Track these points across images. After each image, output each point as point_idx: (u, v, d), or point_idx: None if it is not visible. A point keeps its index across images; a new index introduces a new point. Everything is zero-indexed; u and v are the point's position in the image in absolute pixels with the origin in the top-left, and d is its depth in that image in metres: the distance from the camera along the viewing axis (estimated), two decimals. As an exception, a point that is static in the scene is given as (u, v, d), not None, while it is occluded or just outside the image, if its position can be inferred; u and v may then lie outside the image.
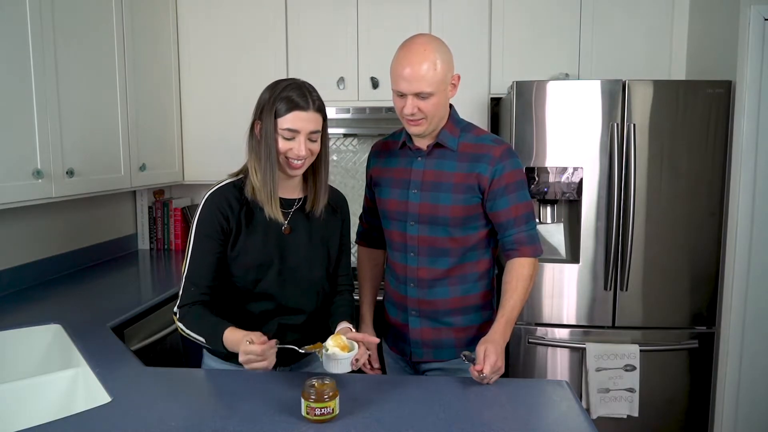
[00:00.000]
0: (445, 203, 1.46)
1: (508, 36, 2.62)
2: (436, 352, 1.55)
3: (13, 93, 1.73)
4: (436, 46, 1.40)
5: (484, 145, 1.48)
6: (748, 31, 2.13)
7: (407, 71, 1.37)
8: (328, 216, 1.49)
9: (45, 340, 1.66)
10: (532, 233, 1.49)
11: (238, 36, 2.74)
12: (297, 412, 1.06)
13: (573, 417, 1.10)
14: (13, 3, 1.72)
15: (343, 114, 2.66)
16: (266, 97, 1.35)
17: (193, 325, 1.33)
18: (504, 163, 1.45)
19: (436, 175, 1.48)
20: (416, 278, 1.53)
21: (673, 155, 2.20)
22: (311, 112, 1.33)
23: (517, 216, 1.46)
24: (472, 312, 1.54)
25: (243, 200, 1.38)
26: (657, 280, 2.25)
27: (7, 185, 1.70)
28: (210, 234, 1.35)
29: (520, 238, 1.46)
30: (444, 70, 1.39)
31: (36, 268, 2.20)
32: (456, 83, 1.45)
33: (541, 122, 2.23)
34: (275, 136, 1.32)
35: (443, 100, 1.43)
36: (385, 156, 1.61)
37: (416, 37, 1.43)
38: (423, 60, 1.36)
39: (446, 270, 1.50)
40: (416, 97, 1.38)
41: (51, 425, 1.04)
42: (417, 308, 1.54)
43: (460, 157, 1.48)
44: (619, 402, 2.25)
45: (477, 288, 1.54)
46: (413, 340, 1.56)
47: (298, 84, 1.35)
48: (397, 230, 1.54)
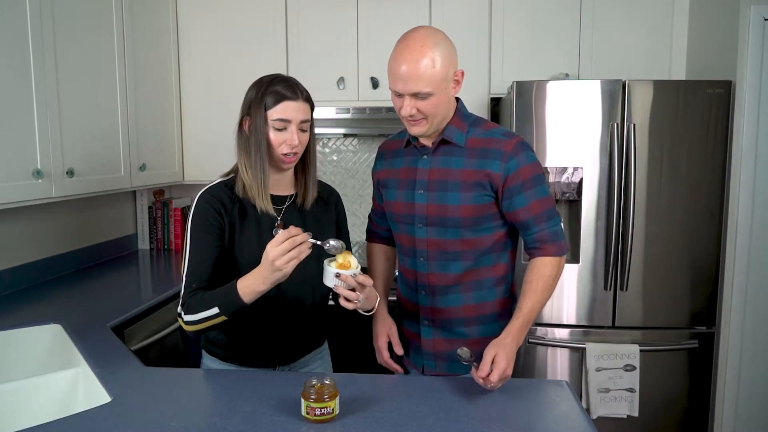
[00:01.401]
0: (453, 203, 1.36)
1: (508, 36, 2.62)
2: (450, 366, 1.46)
3: (13, 93, 1.73)
4: (435, 40, 1.28)
5: (494, 139, 1.37)
6: (748, 31, 2.13)
7: (403, 69, 1.27)
8: (321, 210, 1.50)
9: (45, 340, 1.66)
10: (556, 230, 1.38)
11: (238, 36, 2.75)
12: (297, 412, 1.06)
13: (573, 417, 1.10)
14: (13, 3, 1.72)
15: (343, 114, 2.66)
16: (253, 92, 1.36)
17: (199, 305, 1.28)
18: (518, 157, 1.34)
19: (442, 173, 1.39)
20: (427, 285, 1.44)
21: (673, 155, 2.20)
22: (300, 101, 1.34)
23: (537, 214, 1.35)
24: (488, 321, 1.44)
25: (235, 198, 1.39)
26: (657, 280, 2.25)
27: (7, 185, 1.70)
28: (206, 229, 1.34)
29: (543, 236, 1.36)
30: (444, 67, 1.28)
31: (36, 268, 2.20)
32: (459, 79, 1.35)
33: (541, 122, 2.23)
34: (265, 130, 1.33)
35: (445, 99, 1.33)
36: (390, 156, 1.53)
37: (414, 31, 1.31)
38: (420, 57, 1.25)
39: (459, 275, 1.41)
40: (414, 97, 1.29)
41: (51, 425, 1.04)
42: (429, 317, 1.46)
43: (468, 153, 1.37)
44: (619, 402, 2.25)
45: (493, 295, 1.44)
46: (425, 352, 1.48)
47: (283, 77, 1.37)
48: (405, 233, 1.46)
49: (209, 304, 1.26)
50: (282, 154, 1.35)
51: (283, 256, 1.17)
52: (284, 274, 1.19)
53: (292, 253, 1.17)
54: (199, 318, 1.28)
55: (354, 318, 1.38)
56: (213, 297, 1.27)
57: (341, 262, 1.23)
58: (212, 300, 1.26)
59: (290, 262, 1.17)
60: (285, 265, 1.17)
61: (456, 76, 1.34)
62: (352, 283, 1.23)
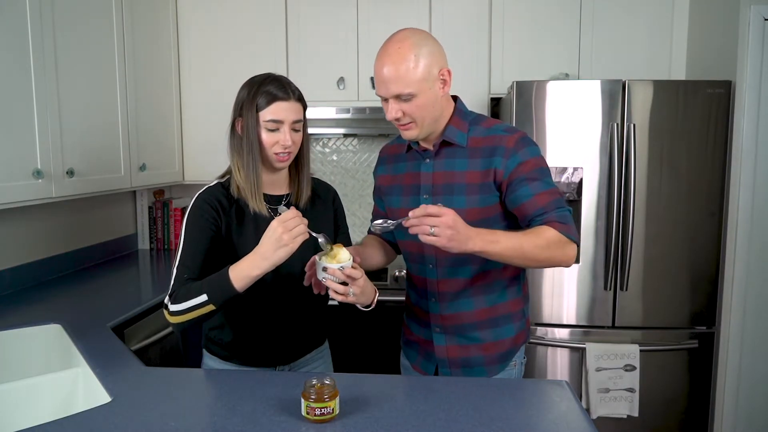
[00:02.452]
0: (459, 206, 1.28)
1: (508, 36, 2.62)
2: (465, 371, 1.43)
3: (13, 93, 1.73)
4: (415, 41, 1.26)
5: (495, 136, 1.33)
6: (748, 31, 2.13)
7: (383, 72, 1.26)
8: (318, 209, 1.49)
9: (45, 340, 1.66)
10: (565, 213, 1.29)
11: (238, 36, 2.75)
12: (297, 412, 1.06)
13: (573, 417, 1.10)
14: (13, 3, 1.72)
15: (343, 114, 2.66)
16: (245, 93, 1.35)
17: (188, 294, 1.24)
18: (520, 152, 1.30)
19: (446, 176, 1.36)
20: (437, 292, 1.41)
21: (673, 155, 2.20)
22: (292, 101, 1.34)
23: (544, 204, 1.28)
24: (502, 324, 1.41)
25: (232, 199, 1.39)
26: (657, 280, 2.25)
27: (7, 185, 1.70)
28: (201, 225, 1.34)
29: (550, 218, 1.27)
30: (426, 66, 1.25)
31: (36, 268, 2.20)
32: (447, 78, 1.30)
33: (541, 122, 2.23)
34: (257, 130, 1.33)
35: (431, 99, 1.28)
36: (392, 162, 1.50)
37: (394, 33, 1.30)
38: (398, 59, 1.24)
39: (469, 280, 1.37)
40: (398, 100, 1.27)
41: (51, 425, 1.04)
42: (440, 324, 1.43)
43: (471, 153, 1.33)
44: (619, 402, 2.25)
45: (505, 296, 1.41)
46: (440, 359, 1.45)
47: (275, 77, 1.36)
48: (413, 240, 1.37)
49: (197, 291, 1.23)
50: (275, 154, 1.35)
51: (291, 231, 1.16)
52: (289, 251, 1.17)
53: (300, 229, 1.17)
54: (185, 307, 1.24)
55: (355, 318, 1.38)
56: (202, 284, 1.24)
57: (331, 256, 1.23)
58: (200, 288, 1.23)
59: (297, 238, 1.17)
60: (292, 240, 1.17)
61: (442, 75, 1.30)
62: (341, 276, 1.21)
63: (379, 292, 1.36)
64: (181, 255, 1.33)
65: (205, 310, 1.23)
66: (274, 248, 1.17)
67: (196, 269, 1.31)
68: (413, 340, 1.53)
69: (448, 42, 1.45)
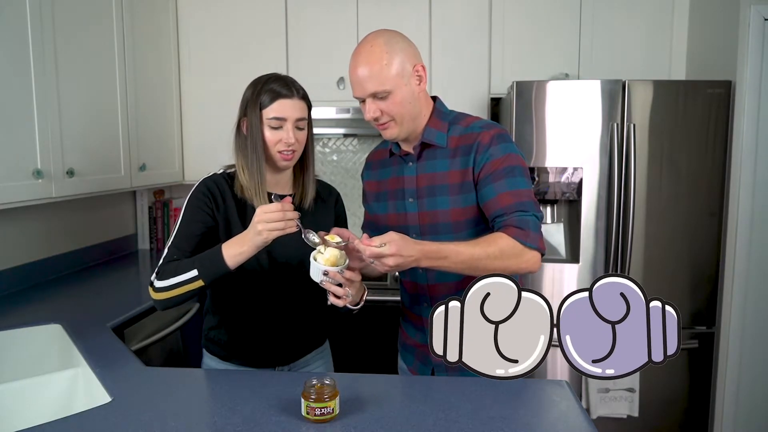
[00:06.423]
0: (443, 207, 1.31)
1: (508, 36, 2.62)
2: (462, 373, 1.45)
3: (13, 93, 1.73)
4: (386, 39, 1.28)
5: (473, 133, 1.31)
6: (748, 31, 2.13)
7: (358, 73, 1.28)
8: (320, 210, 1.49)
9: (45, 340, 1.66)
10: (526, 218, 1.23)
11: (238, 36, 2.75)
12: (297, 412, 1.06)
13: (573, 417, 1.10)
14: (13, 3, 1.72)
15: (343, 114, 2.66)
16: (249, 92, 1.36)
17: (176, 269, 1.25)
18: (492, 148, 1.28)
19: (429, 178, 1.35)
20: (429, 296, 1.41)
21: (673, 155, 2.20)
22: (296, 99, 1.35)
23: (505, 205, 1.25)
24: None
25: (236, 194, 1.39)
26: (657, 280, 2.25)
27: (7, 185, 1.70)
28: (198, 207, 1.34)
29: (509, 221, 1.23)
30: (399, 63, 1.26)
31: (36, 268, 2.20)
32: (422, 74, 1.31)
33: (541, 122, 2.23)
34: (261, 128, 1.33)
35: (407, 96, 1.28)
36: (377, 168, 1.50)
37: (365, 37, 1.32)
38: (371, 59, 1.26)
39: (459, 281, 1.35)
40: (375, 99, 1.28)
41: (51, 425, 1.04)
42: None
43: (452, 153, 1.33)
44: (619, 402, 2.25)
45: None
46: (435, 363, 1.43)
47: (280, 76, 1.37)
48: None
49: (188, 267, 1.24)
50: (278, 152, 1.35)
51: (268, 224, 1.18)
52: (264, 240, 1.19)
53: (277, 224, 1.18)
54: (172, 283, 1.25)
55: (355, 318, 1.38)
56: (193, 260, 1.25)
57: (328, 257, 1.21)
58: (191, 263, 1.25)
59: (273, 231, 1.18)
60: (267, 233, 1.18)
61: (417, 71, 1.30)
62: (340, 279, 1.22)
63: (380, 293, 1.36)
64: (174, 236, 1.33)
65: (194, 285, 1.24)
66: (252, 234, 1.20)
67: (188, 252, 1.31)
68: (409, 344, 1.53)
69: (448, 42, 1.46)
